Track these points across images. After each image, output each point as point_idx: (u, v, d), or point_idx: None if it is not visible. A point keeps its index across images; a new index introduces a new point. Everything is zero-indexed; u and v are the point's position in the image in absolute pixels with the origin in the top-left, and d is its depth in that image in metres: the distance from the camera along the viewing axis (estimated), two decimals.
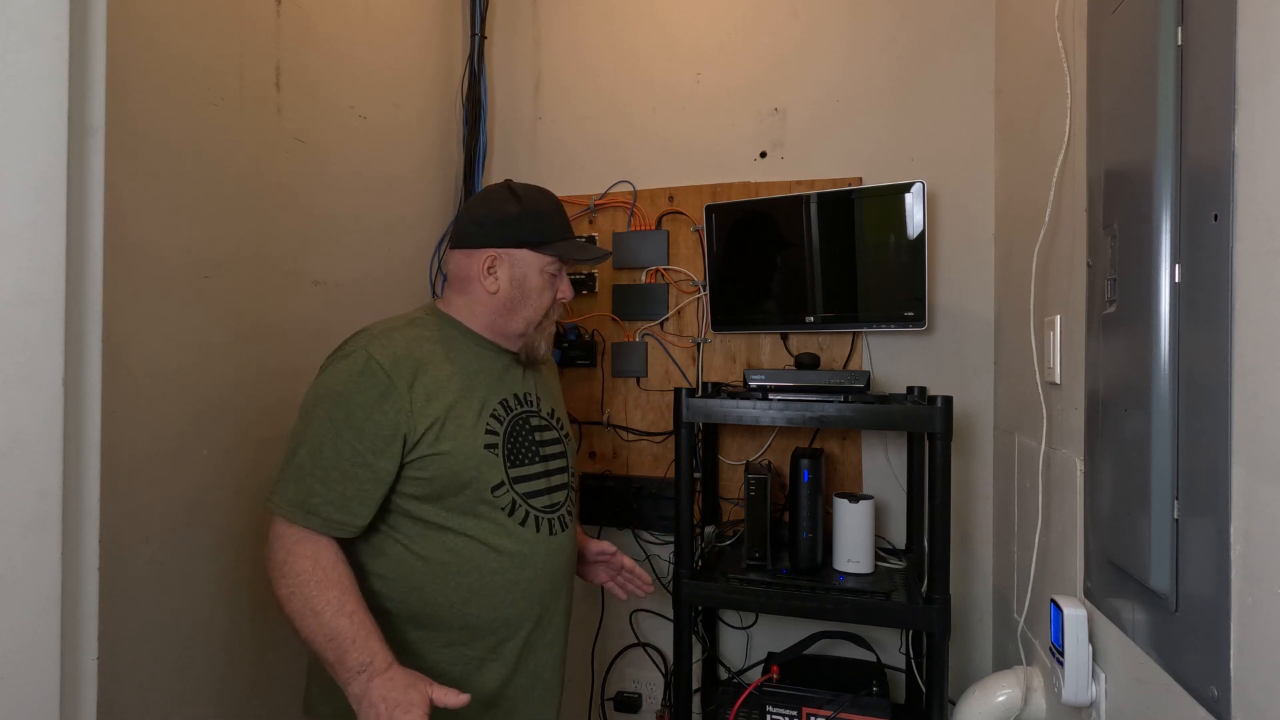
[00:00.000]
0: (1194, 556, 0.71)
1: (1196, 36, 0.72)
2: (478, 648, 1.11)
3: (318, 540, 1.02)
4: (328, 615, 0.98)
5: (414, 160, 1.79)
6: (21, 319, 0.66)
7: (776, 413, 1.36)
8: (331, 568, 1.01)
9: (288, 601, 0.99)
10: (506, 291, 1.17)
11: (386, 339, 1.10)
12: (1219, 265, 0.66)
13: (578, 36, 1.94)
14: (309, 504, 1.02)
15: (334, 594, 0.99)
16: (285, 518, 1.02)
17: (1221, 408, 0.66)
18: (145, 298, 1.07)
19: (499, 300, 1.17)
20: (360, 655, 0.97)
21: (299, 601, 0.99)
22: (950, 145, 1.68)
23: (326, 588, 0.99)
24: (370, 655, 0.98)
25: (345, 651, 0.97)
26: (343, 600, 0.99)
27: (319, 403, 1.05)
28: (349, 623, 0.98)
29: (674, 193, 1.84)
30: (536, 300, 1.19)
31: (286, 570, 1.00)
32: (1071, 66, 1.08)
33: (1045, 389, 1.18)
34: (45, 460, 0.68)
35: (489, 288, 1.17)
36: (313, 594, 0.99)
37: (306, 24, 1.40)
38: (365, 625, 1.00)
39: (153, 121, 1.08)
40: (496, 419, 1.15)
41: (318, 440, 1.03)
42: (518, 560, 1.12)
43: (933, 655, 1.31)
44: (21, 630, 0.67)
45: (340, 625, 0.98)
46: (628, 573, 1.39)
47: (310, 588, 0.99)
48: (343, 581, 1.01)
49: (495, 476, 1.12)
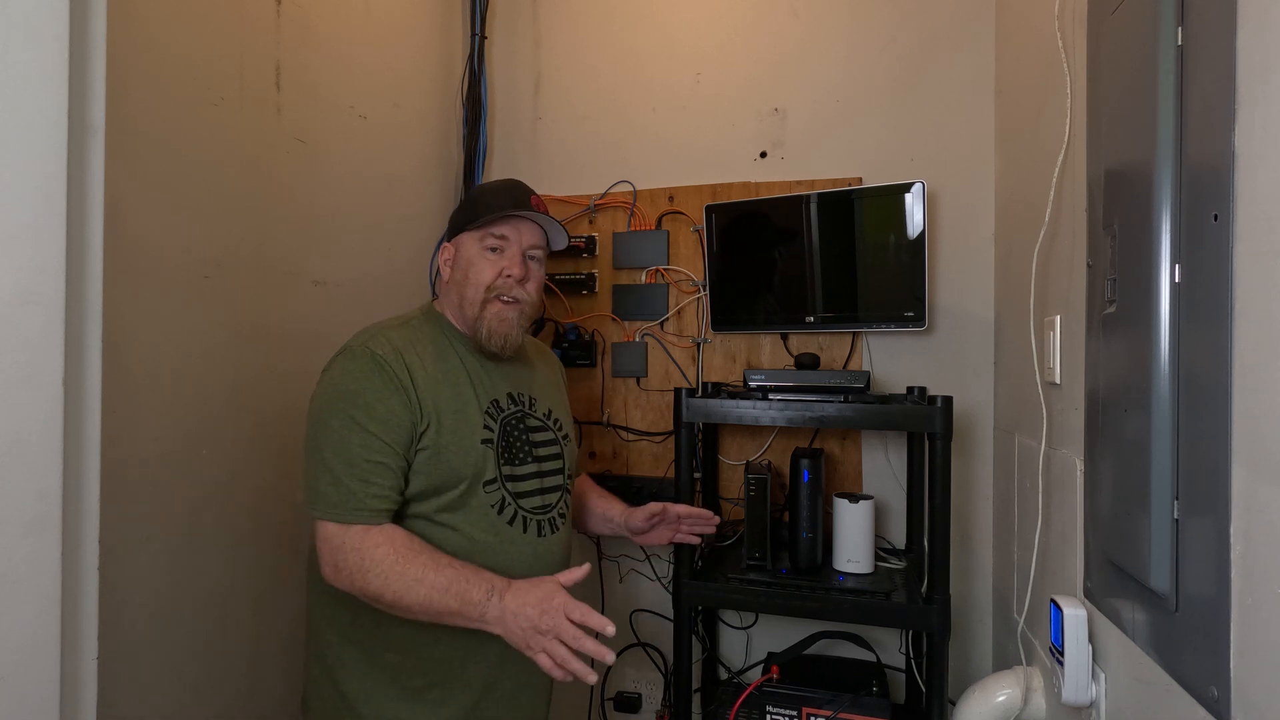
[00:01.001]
0: (1194, 556, 0.71)
1: (1196, 36, 0.72)
2: (461, 647, 1.11)
3: (380, 527, 1.04)
4: (431, 576, 1.01)
5: (414, 160, 1.79)
6: (21, 319, 0.66)
7: (776, 413, 1.36)
8: (406, 542, 1.03)
9: (385, 589, 1.01)
10: (456, 277, 1.21)
11: (384, 337, 1.12)
12: (1219, 265, 0.66)
13: (578, 36, 1.94)
14: (353, 503, 1.03)
15: (424, 558, 1.02)
16: (335, 521, 1.03)
17: (1221, 408, 0.66)
18: (145, 298, 1.07)
19: (453, 286, 1.21)
20: (480, 587, 1.01)
21: (399, 582, 1.00)
22: (950, 145, 1.68)
23: (414, 556, 1.02)
24: (489, 582, 1.02)
25: (465, 592, 1.01)
26: (435, 558, 1.03)
27: (334, 404, 1.06)
28: (453, 570, 1.02)
29: (674, 193, 1.84)
30: (476, 277, 1.17)
31: (369, 565, 1.01)
32: (1071, 66, 1.08)
33: (1045, 389, 1.18)
34: (45, 460, 0.68)
35: (445, 277, 1.23)
36: (408, 569, 1.01)
37: (306, 24, 1.40)
38: (467, 566, 1.04)
39: (153, 121, 1.08)
40: (490, 416, 1.16)
41: (341, 439, 1.04)
42: (501, 558, 1.12)
43: (933, 655, 1.31)
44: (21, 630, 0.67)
45: (447, 576, 1.01)
46: (688, 520, 1.38)
47: (402, 565, 1.01)
48: (424, 547, 1.04)
49: (489, 472, 1.13)
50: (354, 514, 1.02)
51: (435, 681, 1.10)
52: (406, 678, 1.09)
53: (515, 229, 1.19)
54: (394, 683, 1.09)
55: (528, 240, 1.20)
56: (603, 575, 1.87)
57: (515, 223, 1.19)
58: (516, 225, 1.19)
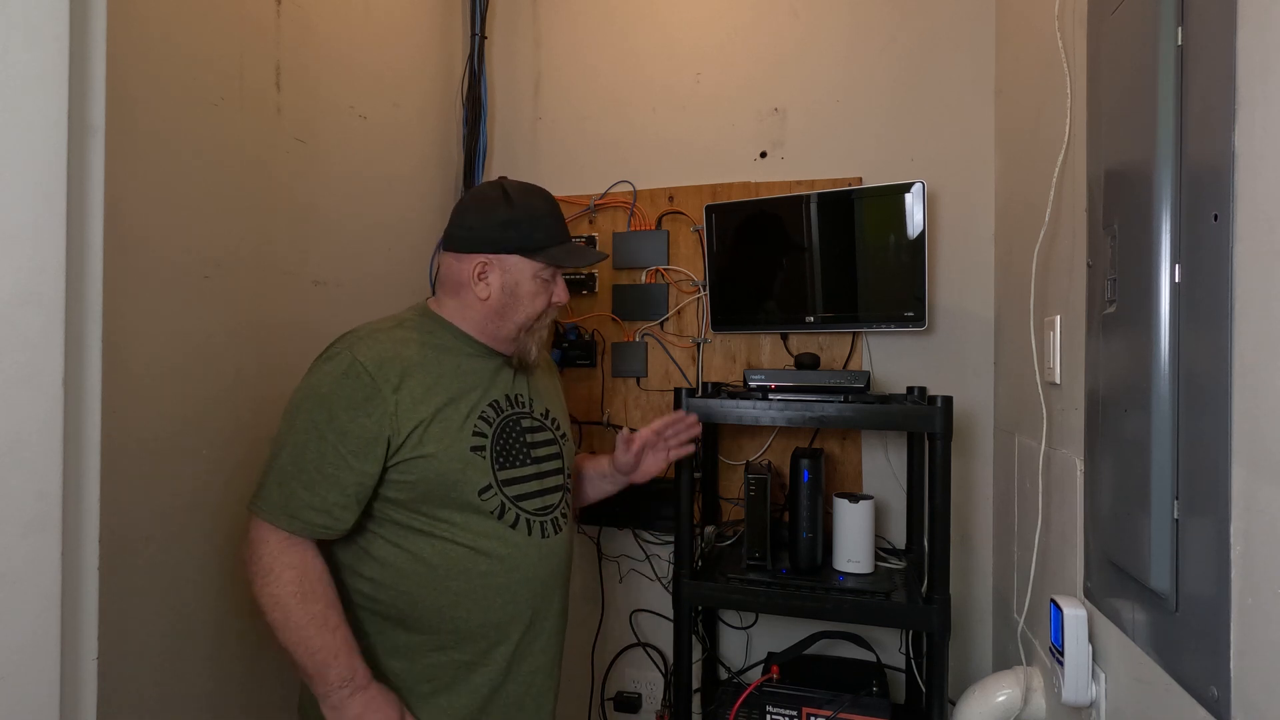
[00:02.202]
0: (1194, 557, 0.71)
1: (1196, 36, 0.72)
2: (468, 652, 1.10)
3: (304, 550, 1.02)
4: (312, 630, 0.99)
5: (414, 160, 1.79)
6: (21, 319, 0.66)
7: (776, 413, 1.36)
8: (317, 580, 1.02)
9: (269, 610, 1.00)
10: (498, 298, 1.15)
11: (372, 340, 1.09)
12: (1219, 265, 0.66)
13: (578, 36, 1.94)
14: (291, 507, 1.01)
15: (319, 608, 1.00)
16: (269, 522, 1.02)
17: (1221, 408, 0.66)
18: (145, 297, 1.07)
19: (490, 306, 1.16)
20: (342, 670, 1.00)
21: (280, 613, 1.00)
22: (950, 145, 1.68)
23: (312, 601, 1.00)
24: (352, 671, 1.01)
25: (327, 666, 0.99)
26: (327, 614, 1.01)
27: (302, 405, 1.05)
28: (332, 638, 1.00)
29: (674, 193, 1.84)
30: (529, 306, 1.17)
31: (271, 580, 1.00)
32: (1071, 66, 1.08)
33: (1045, 389, 1.18)
34: (45, 460, 0.68)
35: (480, 294, 1.15)
36: (297, 607, 0.99)
37: (306, 24, 1.40)
38: (348, 641, 1.02)
39: (153, 121, 1.08)
40: (485, 421, 1.14)
41: (300, 443, 1.02)
42: (507, 563, 1.11)
43: (933, 655, 1.31)
44: (21, 630, 0.67)
45: (324, 640, 0.99)
46: (670, 432, 1.35)
47: (295, 600, 1.00)
48: (327, 595, 1.02)
49: (482, 479, 1.10)
50: (287, 520, 1.01)
51: (441, 688, 1.10)
52: (413, 684, 1.09)
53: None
54: (399, 688, 1.08)
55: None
56: (603, 575, 1.87)
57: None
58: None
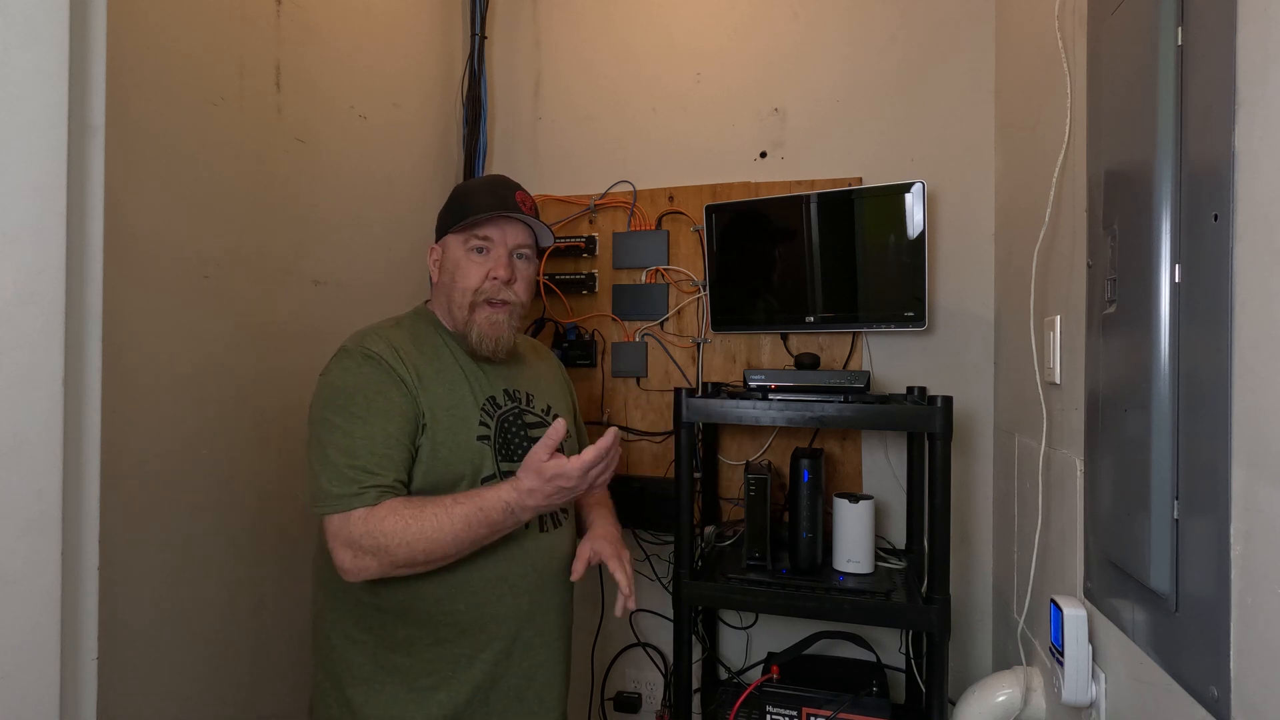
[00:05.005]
0: (1194, 557, 0.71)
1: (1196, 36, 0.72)
2: (467, 645, 1.11)
3: (377, 506, 1.02)
4: (447, 521, 1.01)
5: (414, 160, 1.79)
6: (21, 319, 0.66)
7: (776, 413, 1.36)
8: (406, 505, 1.02)
9: (415, 552, 1.00)
10: (442, 279, 1.20)
11: (377, 335, 1.13)
12: (1219, 265, 0.66)
13: (578, 36, 1.94)
14: (353, 490, 1.01)
15: (431, 509, 1.02)
16: (340, 512, 1.01)
17: (1221, 408, 0.66)
18: (145, 297, 1.07)
19: (440, 289, 1.21)
20: (495, 497, 1.03)
21: (423, 541, 1.00)
22: (950, 145, 1.68)
23: (422, 512, 1.01)
24: (497, 490, 1.04)
25: (487, 509, 1.03)
26: (440, 504, 1.03)
27: (332, 403, 1.06)
28: (462, 505, 1.03)
29: (674, 193, 1.84)
30: (464, 280, 1.16)
31: (385, 540, 0.99)
32: (1071, 66, 1.08)
33: (1045, 389, 1.18)
34: (45, 460, 0.68)
35: (435, 280, 1.22)
36: (424, 526, 1.00)
37: (306, 24, 1.40)
38: (476, 494, 1.05)
39: (153, 121, 1.08)
40: (486, 414, 1.16)
41: (345, 435, 1.03)
42: (503, 556, 1.11)
43: (932, 655, 1.31)
44: (21, 630, 0.66)
45: (462, 510, 1.02)
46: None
47: (417, 524, 1.00)
48: (424, 500, 1.04)
49: (487, 468, 1.12)
50: (355, 500, 1.01)
51: (441, 681, 1.10)
52: (414, 678, 1.09)
53: (500, 229, 1.17)
54: (401, 684, 1.08)
55: (514, 240, 1.18)
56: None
57: (500, 223, 1.17)
58: (501, 226, 1.17)
